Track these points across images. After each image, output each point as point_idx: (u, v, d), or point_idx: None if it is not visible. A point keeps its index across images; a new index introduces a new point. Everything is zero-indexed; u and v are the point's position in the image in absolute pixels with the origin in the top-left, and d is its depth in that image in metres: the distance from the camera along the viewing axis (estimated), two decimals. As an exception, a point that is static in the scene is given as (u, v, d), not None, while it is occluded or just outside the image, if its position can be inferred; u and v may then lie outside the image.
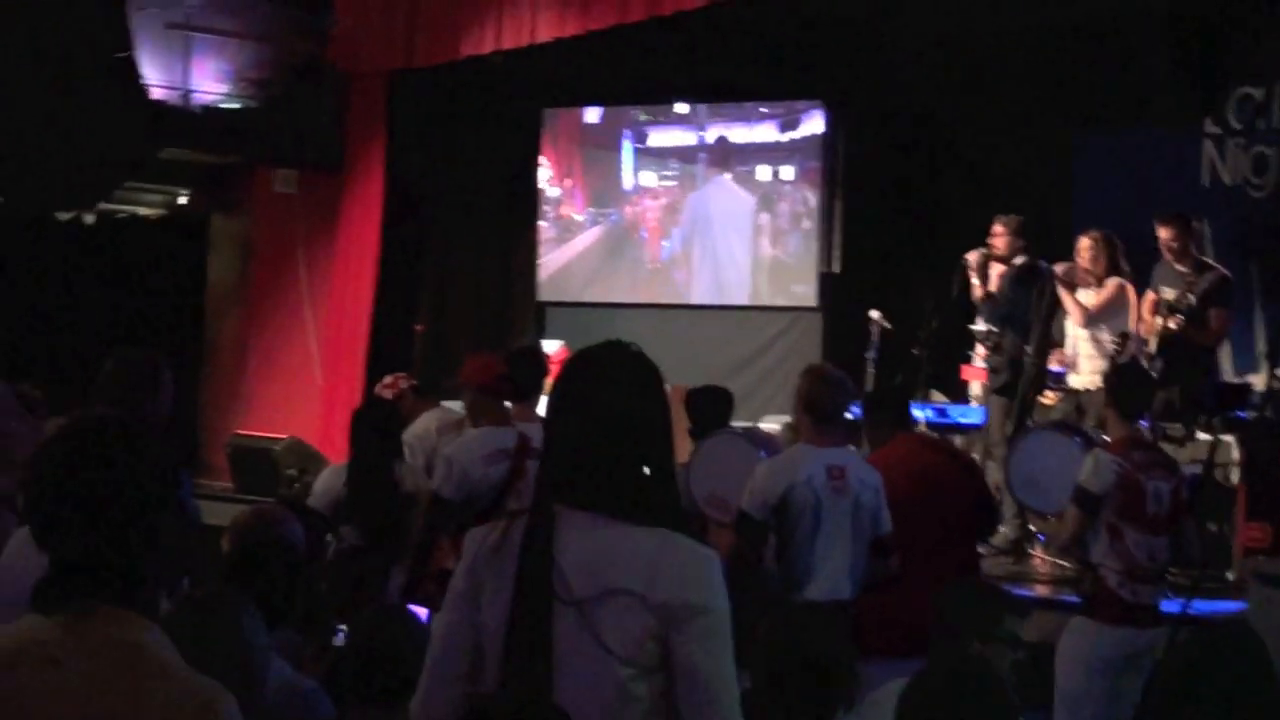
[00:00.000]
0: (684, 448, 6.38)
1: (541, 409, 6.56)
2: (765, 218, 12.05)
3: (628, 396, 2.67)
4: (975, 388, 9.12)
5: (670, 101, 12.37)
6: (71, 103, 10.56)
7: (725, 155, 12.18)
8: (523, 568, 2.58)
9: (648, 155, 12.51)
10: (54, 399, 6.00)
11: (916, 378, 9.21)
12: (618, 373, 2.70)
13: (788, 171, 11.89)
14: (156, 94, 11.19)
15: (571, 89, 12.58)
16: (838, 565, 5.40)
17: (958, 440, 8.60)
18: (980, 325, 8.85)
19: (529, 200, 12.93)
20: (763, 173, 12.01)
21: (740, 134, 12.13)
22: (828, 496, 5.37)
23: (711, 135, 12.20)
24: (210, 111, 11.72)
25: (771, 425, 8.96)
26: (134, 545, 2.14)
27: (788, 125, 11.89)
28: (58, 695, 2.05)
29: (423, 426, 7.36)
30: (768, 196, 12.02)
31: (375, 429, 6.14)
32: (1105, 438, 6.23)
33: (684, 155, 12.36)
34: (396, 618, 3.55)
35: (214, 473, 11.36)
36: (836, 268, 11.77)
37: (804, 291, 11.84)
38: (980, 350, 8.87)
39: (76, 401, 4.77)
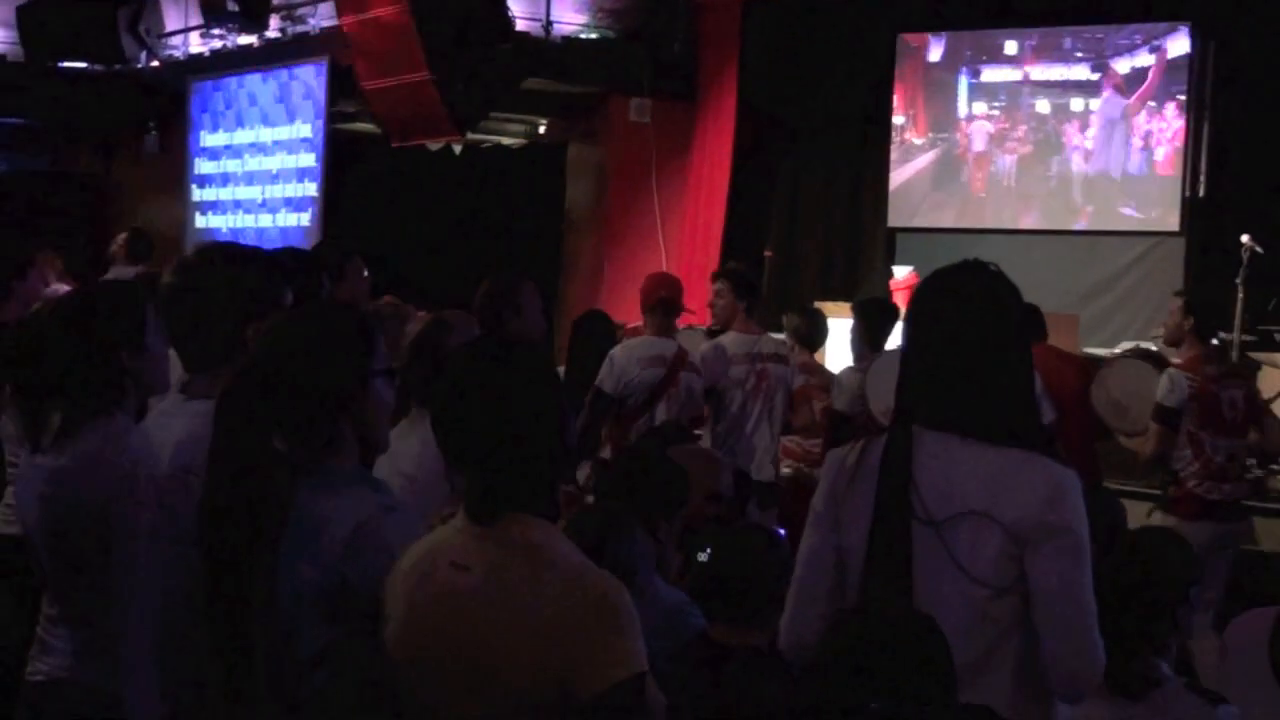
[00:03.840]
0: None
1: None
2: (1122, 142, 11.71)
3: (985, 316, 2.63)
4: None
5: (1028, 26, 12.11)
6: (442, 36, 11.02)
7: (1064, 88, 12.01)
8: (881, 489, 2.60)
9: (980, 89, 12.52)
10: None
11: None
12: (975, 292, 2.66)
13: (1123, 100, 11.68)
14: (520, 25, 11.58)
15: (924, 13, 12.40)
16: None
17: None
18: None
19: (882, 126, 12.83)
20: (1102, 102, 11.83)
21: (1059, 72, 12.12)
22: None
23: (1036, 73, 12.25)
24: (570, 42, 12.06)
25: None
26: (536, 455, 2.27)
27: (1098, 65, 11.84)
28: (466, 596, 2.23)
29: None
30: (1123, 121, 11.68)
31: (592, 337, 6.74)
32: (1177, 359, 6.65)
33: (1011, 90, 12.37)
34: (758, 536, 3.66)
35: (568, 394, 11.69)
36: (1201, 192, 11.29)
37: (1163, 216, 11.45)
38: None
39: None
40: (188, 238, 13.50)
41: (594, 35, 12.24)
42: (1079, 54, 12.01)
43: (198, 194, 13.88)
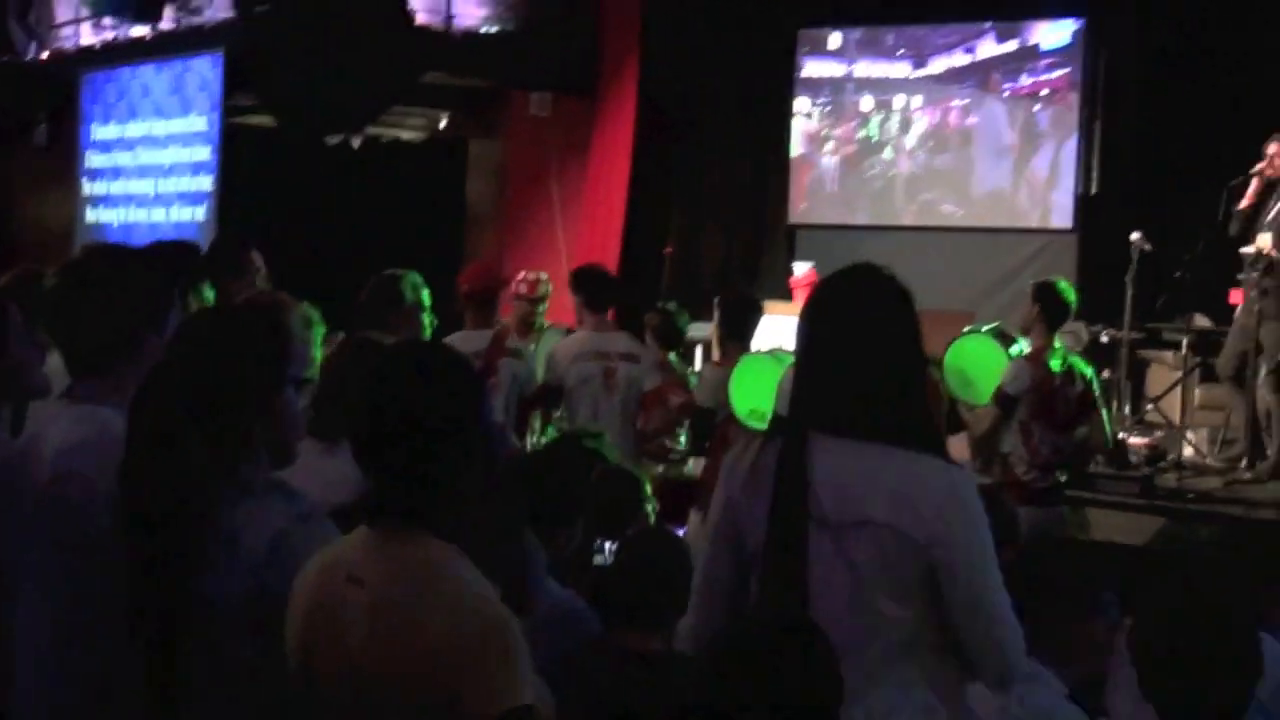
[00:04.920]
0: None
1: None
2: (1013, 138, 11.90)
3: (879, 319, 2.64)
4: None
5: (934, 18, 12.21)
6: (340, 30, 10.90)
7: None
8: (778, 491, 2.60)
9: (802, 85, 12.76)
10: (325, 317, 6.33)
11: (1180, 301, 8.96)
12: (868, 296, 2.68)
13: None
14: (421, 18, 11.49)
15: (827, 6, 12.49)
16: None
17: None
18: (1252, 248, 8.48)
19: (781, 122, 12.89)
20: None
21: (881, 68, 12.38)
22: None
23: (860, 70, 12.48)
24: (470, 36, 11.98)
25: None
26: (440, 468, 2.20)
27: (919, 63, 12.08)
28: (357, 611, 2.18)
29: None
30: (1014, 116, 11.89)
31: None
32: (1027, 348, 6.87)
33: (835, 86, 12.59)
34: (662, 539, 3.64)
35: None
36: (1094, 189, 11.47)
37: (1057, 213, 11.66)
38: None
39: (342, 320, 5.03)
40: (78, 233, 13.23)
41: (495, 29, 12.18)
42: (900, 51, 12.25)
43: (88, 188, 13.59)
